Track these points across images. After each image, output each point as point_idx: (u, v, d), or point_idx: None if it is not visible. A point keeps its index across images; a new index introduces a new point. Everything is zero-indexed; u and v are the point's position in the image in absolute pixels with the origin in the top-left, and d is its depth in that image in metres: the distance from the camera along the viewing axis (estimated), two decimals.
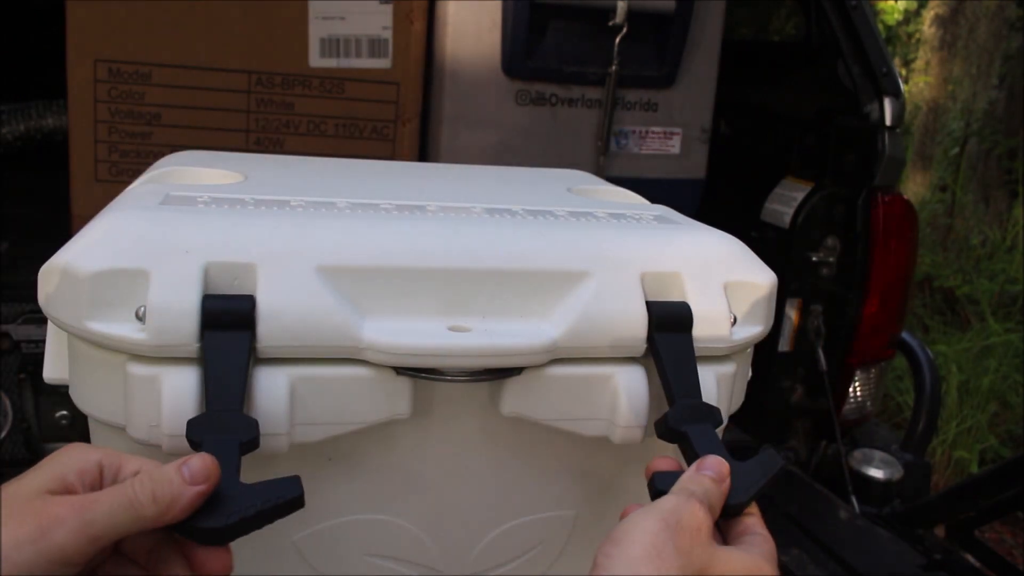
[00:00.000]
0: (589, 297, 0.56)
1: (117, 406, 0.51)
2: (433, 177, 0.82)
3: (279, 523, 0.44)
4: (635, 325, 0.56)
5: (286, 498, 0.43)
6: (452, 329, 0.53)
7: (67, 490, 0.42)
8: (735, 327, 0.59)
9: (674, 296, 0.58)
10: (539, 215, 0.63)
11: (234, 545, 0.44)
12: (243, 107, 1.24)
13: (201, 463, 0.42)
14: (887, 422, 2.94)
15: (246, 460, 0.46)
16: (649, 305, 0.56)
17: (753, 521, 0.49)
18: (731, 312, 0.59)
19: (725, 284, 0.59)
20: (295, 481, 0.44)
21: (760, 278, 0.61)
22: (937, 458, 2.81)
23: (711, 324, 0.58)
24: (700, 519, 0.45)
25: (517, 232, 0.59)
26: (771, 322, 0.63)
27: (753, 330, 0.61)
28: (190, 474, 0.42)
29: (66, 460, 0.43)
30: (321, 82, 1.25)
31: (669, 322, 0.56)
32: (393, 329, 0.52)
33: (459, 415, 0.58)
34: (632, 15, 1.31)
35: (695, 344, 0.57)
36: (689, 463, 0.51)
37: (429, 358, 0.52)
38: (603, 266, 0.57)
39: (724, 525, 0.49)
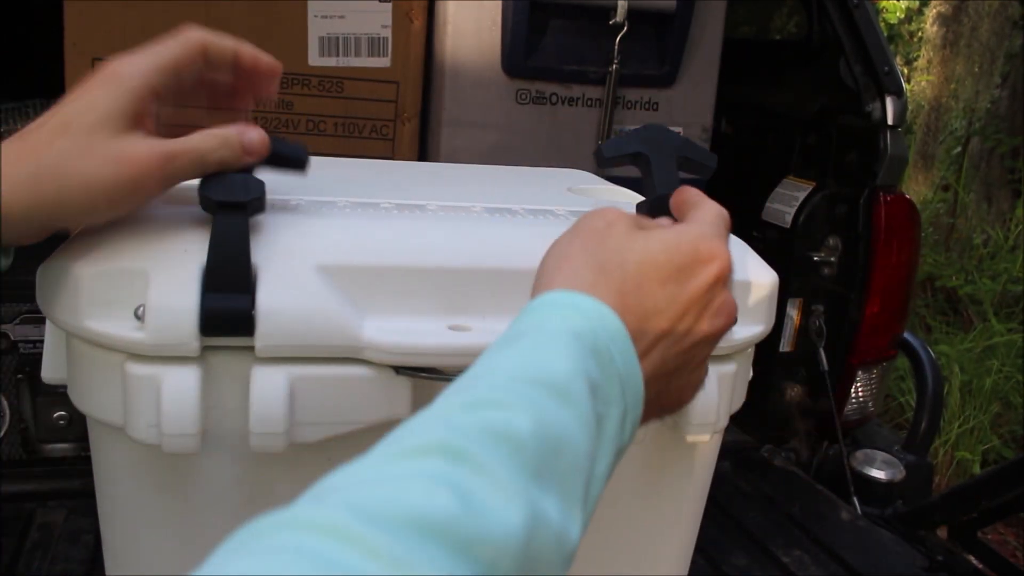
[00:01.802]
0: None
1: (116, 406, 0.51)
2: (433, 176, 0.82)
3: None
4: None
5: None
6: (452, 328, 0.53)
7: (138, 123, 0.48)
8: (736, 327, 0.59)
9: None
10: (539, 214, 0.63)
11: None
12: None
13: (259, 135, 0.51)
14: (889, 423, 2.94)
15: (244, 459, 0.46)
16: None
17: (688, 196, 0.51)
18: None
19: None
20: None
21: (761, 277, 0.61)
22: (939, 459, 2.81)
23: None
24: (609, 218, 0.46)
25: (517, 232, 0.58)
26: (772, 321, 0.63)
27: (754, 330, 0.61)
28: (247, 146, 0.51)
29: (130, 84, 0.48)
30: (320, 81, 1.25)
31: None
32: (393, 328, 0.52)
33: None
34: (633, 14, 1.30)
35: None
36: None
37: (429, 357, 0.52)
38: None
39: (674, 213, 0.52)
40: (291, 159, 0.54)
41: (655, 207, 0.54)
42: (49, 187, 0.45)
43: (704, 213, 0.48)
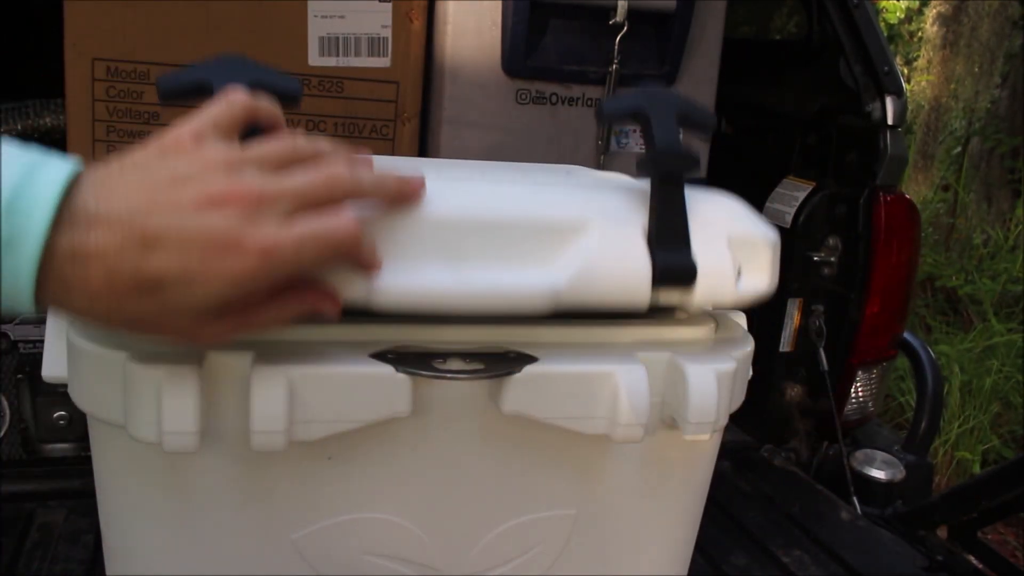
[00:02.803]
0: (591, 246, 0.55)
1: (116, 404, 0.51)
2: (435, 164, 0.82)
3: (278, 522, 0.44)
4: (638, 274, 0.55)
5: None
6: (454, 275, 0.53)
7: None
8: (740, 279, 0.59)
9: None
10: (544, 181, 0.63)
11: (233, 544, 0.43)
12: None
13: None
14: (889, 423, 2.94)
15: (244, 458, 0.46)
16: (653, 255, 0.56)
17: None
18: (735, 265, 0.58)
19: (728, 238, 0.59)
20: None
21: (762, 233, 0.61)
22: (939, 459, 2.81)
23: (716, 275, 0.57)
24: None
25: (518, 188, 0.58)
26: (776, 279, 0.63)
27: (759, 284, 0.60)
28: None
29: None
30: (320, 81, 1.24)
31: (673, 271, 0.56)
32: (395, 275, 0.52)
33: (459, 414, 0.58)
34: (633, 14, 1.30)
35: (700, 298, 0.57)
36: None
37: (434, 298, 0.52)
38: (605, 217, 0.57)
39: None
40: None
41: (653, 164, 0.55)
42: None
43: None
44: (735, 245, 0.59)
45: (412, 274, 0.52)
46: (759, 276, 0.61)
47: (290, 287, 0.47)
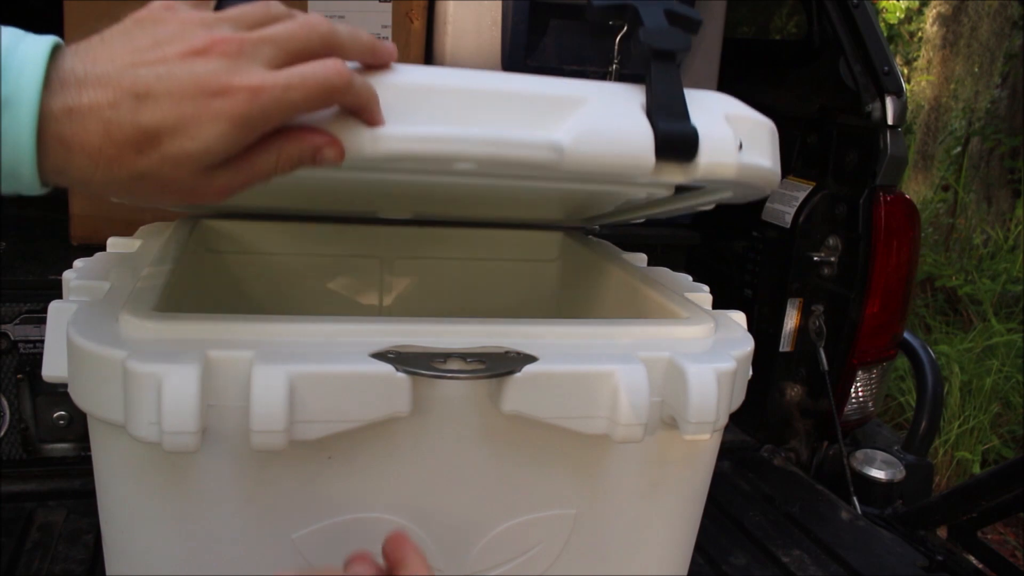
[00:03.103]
0: (593, 114, 0.55)
1: (116, 403, 0.51)
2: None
3: (278, 522, 0.44)
4: (640, 140, 0.55)
5: None
6: (461, 127, 0.53)
7: None
8: (742, 152, 0.58)
9: None
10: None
11: (233, 544, 0.43)
12: None
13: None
14: (889, 423, 2.94)
15: (244, 457, 0.46)
16: (653, 124, 0.56)
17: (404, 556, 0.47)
18: (736, 137, 0.58)
19: (726, 116, 0.59)
20: None
21: (759, 118, 0.61)
22: (939, 459, 2.81)
23: (717, 144, 0.57)
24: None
25: (520, 77, 0.58)
26: (778, 164, 0.62)
27: (761, 161, 0.60)
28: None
29: None
30: None
31: (674, 138, 0.56)
32: (401, 126, 0.51)
33: (459, 413, 0.58)
34: None
35: (704, 169, 0.56)
36: None
37: (439, 145, 0.51)
38: (604, 94, 0.57)
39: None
40: None
41: (647, 40, 0.55)
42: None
43: None
44: (733, 122, 0.59)
45: (417, 126, 0.51)
46: (760, 153, 0.60)
47: (290, 131, 0.47)
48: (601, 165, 0.55)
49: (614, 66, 1.35)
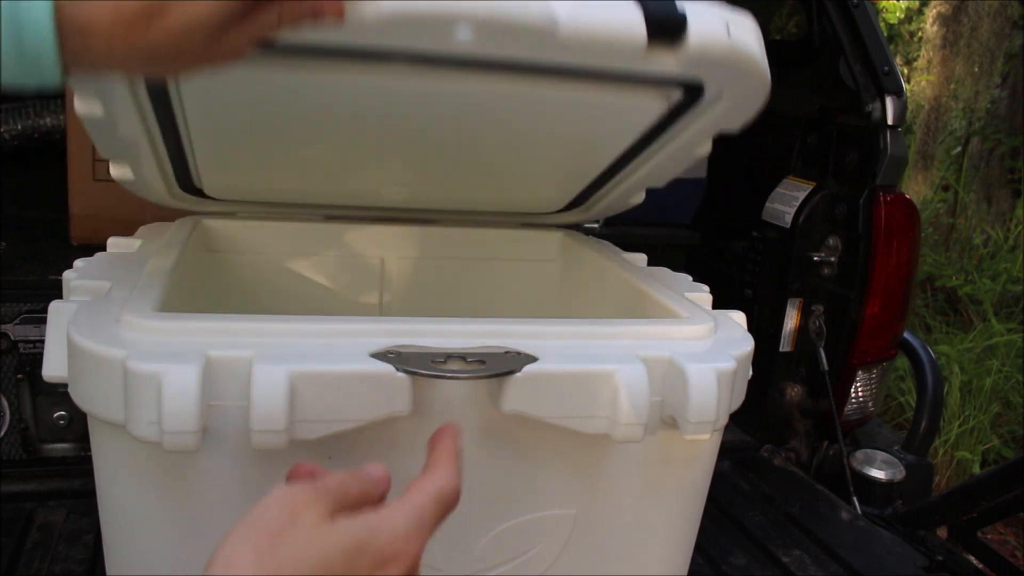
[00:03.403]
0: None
1: (117, 403, 0.51)
2: None
3: None
4: (631, 20, 0.56)
5: None
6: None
7: None
8: (731, 33, 0.59)
9: None
10: None
11: None
12: None
13: None
14: (889, 423, 2.94)
15: (245, 457, 0.46)
16: (643, 7, 0.56)
17: (438, 444, 0.47)
18: (724, 19, 0.59)
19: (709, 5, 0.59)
20: None
21: (742, 11, 0.62)
22: (939, 459, 2.81)
23: (706, 25, 0.58)
24: (294, 507, 0.39)
25: None
26: (766, 60, 0.63)
27: (750, 46, 0.60)
28: None
29: None
30: None
31: (664, 18, 0.56)
32: None
33: (459, 413, 0.58)
34: None
35: (695, 51, 0.57)
36: None
37: (443, 5, 0.51)
38: None
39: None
40: None
41: None
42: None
43: (421, 491, 0.45)
44: (720, 9, 0.60)
45: None
46: (747, 37, 0.61)
47: None
48: (594, 40, 0.55)
49: None
